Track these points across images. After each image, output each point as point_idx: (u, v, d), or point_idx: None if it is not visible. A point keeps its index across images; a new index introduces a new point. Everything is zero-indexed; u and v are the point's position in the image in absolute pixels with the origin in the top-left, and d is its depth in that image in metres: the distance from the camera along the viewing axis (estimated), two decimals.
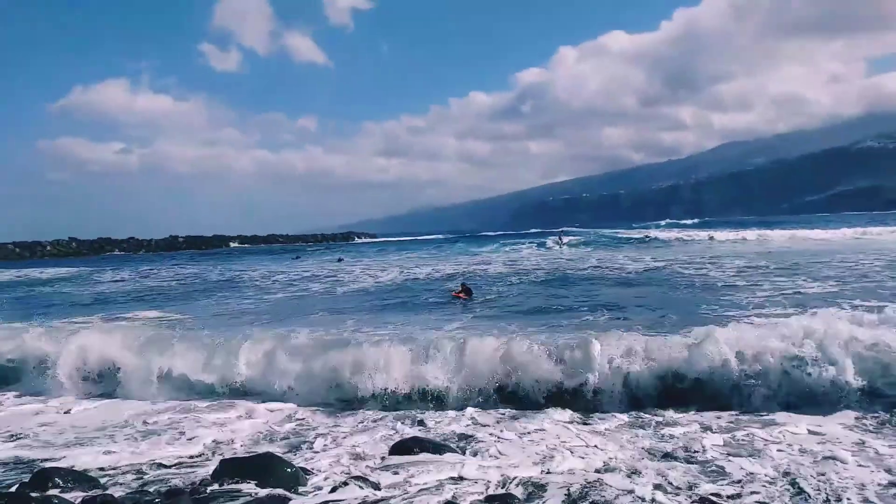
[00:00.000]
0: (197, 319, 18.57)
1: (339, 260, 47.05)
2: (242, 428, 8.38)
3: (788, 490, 5.65)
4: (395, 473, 6.21)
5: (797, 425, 7.41)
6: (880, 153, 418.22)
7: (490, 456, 6.79)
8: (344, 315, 17.43)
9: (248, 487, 5.75)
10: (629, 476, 6.05)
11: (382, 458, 6.76)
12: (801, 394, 8.50)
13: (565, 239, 50.92)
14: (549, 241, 51.61)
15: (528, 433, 7.57)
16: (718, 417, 8.03)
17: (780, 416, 7.84)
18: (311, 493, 5.84)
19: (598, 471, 6.26)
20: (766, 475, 5.99)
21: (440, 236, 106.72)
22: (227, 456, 6.99)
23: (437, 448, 6.78)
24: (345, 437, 7.76)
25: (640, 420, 8.13)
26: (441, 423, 8.13)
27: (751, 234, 48.48)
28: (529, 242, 55.56)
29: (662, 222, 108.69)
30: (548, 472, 6.25)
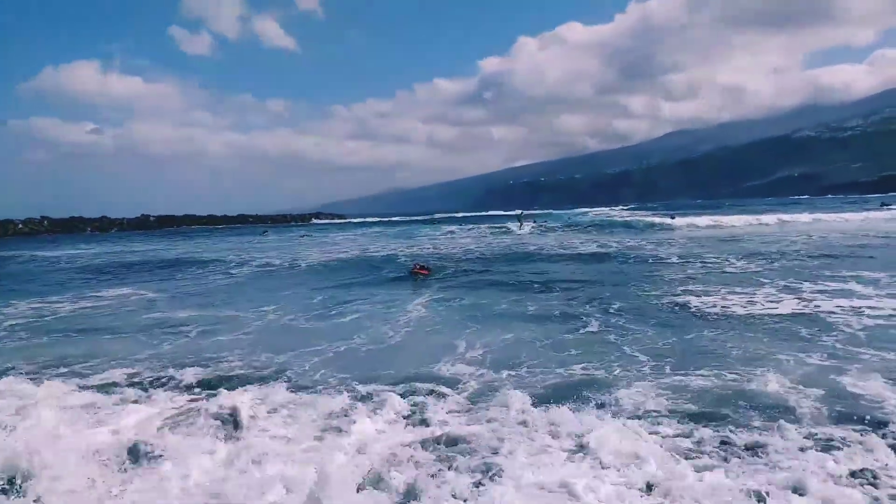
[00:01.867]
0: (174, 299, 17.64)
1: (264, 233, 48.09)
2: None
3: None
4: None
5: None
6: (817, 142, 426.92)
7: None
8: (312, 291, 17.62)
9: None
10: None
11: None
12: None
13: (529, 223, 48.96)
14: (513, 226, 49.23)
15: None
16: None
17: None
18: None
19: None
20: None
21: (407, 218, 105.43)
22: None
23: None
24: None
25: None
26: None
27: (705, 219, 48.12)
28: (491, 225, 54.68)
29: (617, 207, 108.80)
30: None
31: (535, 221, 52.63)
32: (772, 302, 12.79)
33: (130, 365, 9.70)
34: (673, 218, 47.04)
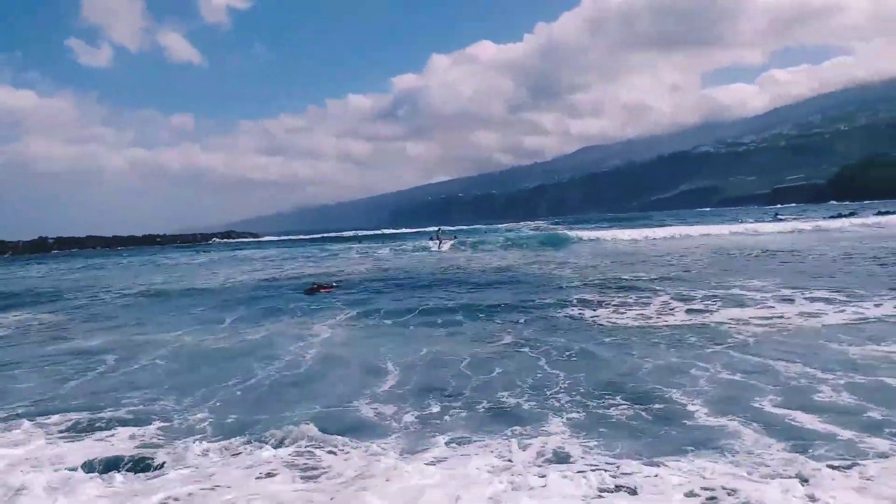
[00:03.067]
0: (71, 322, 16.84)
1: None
2: None
3: None
4: None
5: None
6: (716, 157, 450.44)
7: None
8: (221, 313, 17.28)
9: None
10: None
11: None
12: None
13: (447, 240, 48.48)
14: (430, 243, 48.62)
15: None
16: None
17: None
18: None
19: None
20: None
21: (321, 236, 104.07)
22: None
23: None
24: None
25: None
26: None
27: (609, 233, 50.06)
28: (407, 242, 54.78)
29: (531, 223, 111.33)
30: None
31: (455, 237, 52.65)
32: (667, 313, 13.55)
33: (35, 404, 9.25)
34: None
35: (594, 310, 14.36)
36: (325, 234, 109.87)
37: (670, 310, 13.88)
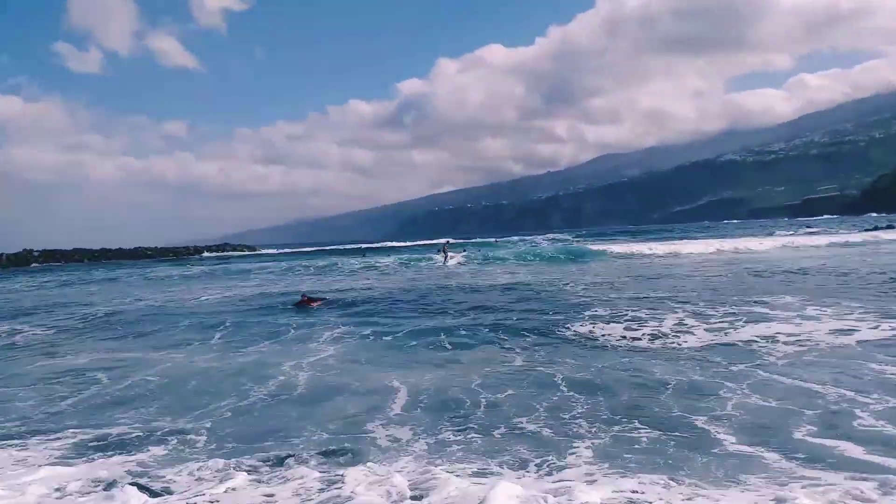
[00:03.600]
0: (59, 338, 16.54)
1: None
2: None
3: None
4: None
5: None
6: (742, 166, 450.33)
7: None
8: (211, 330, 17.34)
9: None
10: None
11: None
12: None
13: (454, 254, 47.99)
14: (437, 257, 48.19)
15: None
16: None
17: None
18: None
19: None
20: None
21: (321, 248, 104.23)
22: None
23: None
24: None
25: None
26: None
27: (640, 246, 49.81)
28: (413, 256, 54.71)
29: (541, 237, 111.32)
30: None
31: (465, 250, 52.37)
32: (688, 332, 13.44)
33: (26, 423, 9.22)
34: None
35: (611, 328, 14.27)
36: (327, 247, 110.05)
37: (691, 327, 13.79)
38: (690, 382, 9.51)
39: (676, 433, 7.40)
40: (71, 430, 8.70)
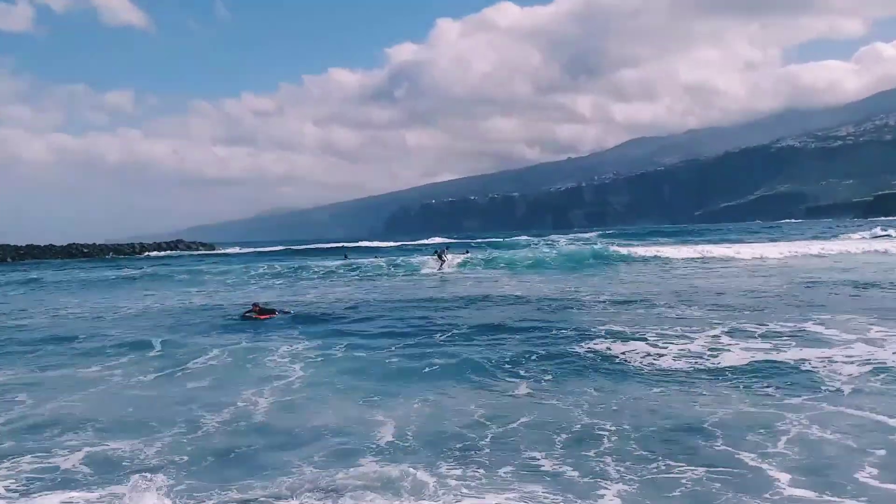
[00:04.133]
0: None
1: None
2: None
3: None
4: None
5: None
6: (802, 154, 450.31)
7: None
8: (151, 345, 17.57)
9: None
10: None
11: None
12: None
13: (452, 257, 47.39)
14: (431, 259, 47.64)
15: None
16: None
17: None
18: None
19: None
20: None
21: (294, 247, 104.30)
22: None
23: None
24: None
25: None
26: None
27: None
28: (403, 259, 54.62)
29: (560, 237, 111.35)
30: None
31: (467, 251, 52.16)
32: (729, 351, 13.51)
33: None
34: None
35: (637, 348, 14.40)
36: (300, 247, 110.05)
37: (730, 346, 13.97)
38: (736, 412, 9.55)
39: (722, 472, 7.43)
40: None
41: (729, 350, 13.55)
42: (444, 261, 44.91)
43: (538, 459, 8.16)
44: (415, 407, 10.69)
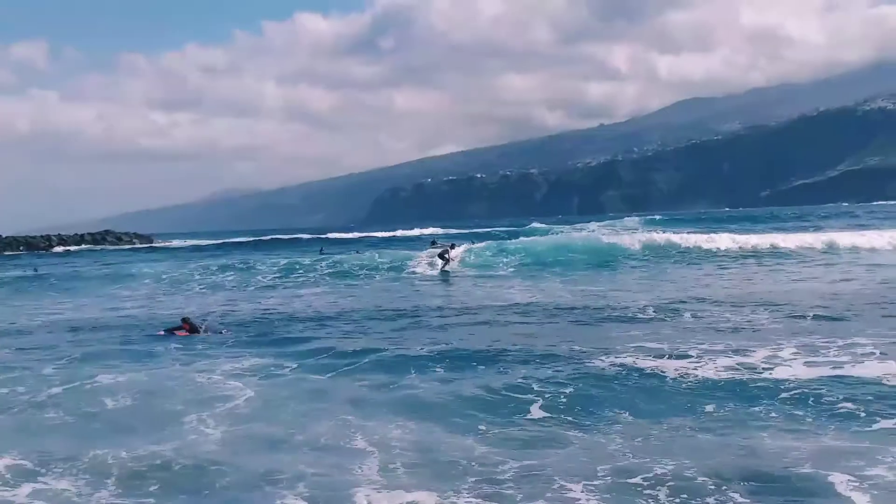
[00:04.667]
0: None
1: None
2: None
3: None
4: None
5: None
6: None
7: None
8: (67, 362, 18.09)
9: None
10: None
11: None
12: None
13: (452, 251, 46.83)
14: (425, 256, 47.10)
15: None
16: None
17: None
18: None
19: None
20: None
21: (251, 238, 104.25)
22: None
23: None
24: None
25: None
26: None
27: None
28: (391, 254, 54.50)
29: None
30: None
31: (474, 242, 52.00)
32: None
33: None
34: None
35: (680, 367, 14.58)
36: (263, 238, 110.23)
37: (791, 360, 14.40)
38: (811, 435, 9.87)
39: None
40: None
41: (790, 365, 14.04)
42: (448, 259, 44.21)
43: (575, 494, 8.45)
44: (398, 427, 11.17)
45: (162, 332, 22.34)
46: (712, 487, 8.45)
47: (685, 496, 8.25)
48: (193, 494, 9.26)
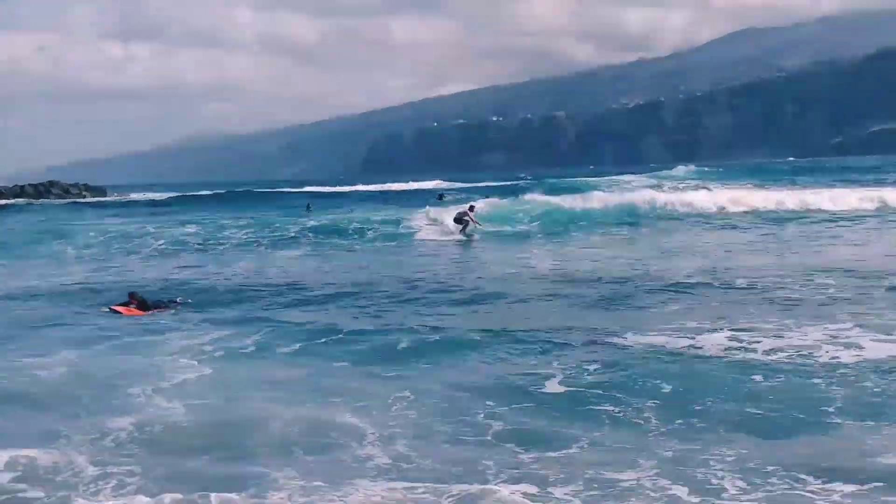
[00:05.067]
0: None
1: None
2: None
3: None
4: None
5: None
6: None
7: None
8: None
9: None
10: None
11: None
12: None
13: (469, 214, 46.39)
14: (430, 212, 46.82)
15: None
16: None
17: None
18: None
19: None
20: None
21: (220, 191, 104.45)
22: None
23: None
24: None
25: None
26: None
27: None
28: (387, 212, 54.66)
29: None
30: None
31: (475, 203, 51.67)
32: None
33: None
34: None
35: (727, 345, 14.78)
36: (237, 189, 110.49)
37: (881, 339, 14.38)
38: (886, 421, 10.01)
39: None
40: None
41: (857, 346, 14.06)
42: (466, 223, 43.12)
43: (621, 479, 8.77)
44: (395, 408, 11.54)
45: (105, 310, 22.17)
46: (783, 474, 8.62)
47: (757, 482, 8.45)
48: None
